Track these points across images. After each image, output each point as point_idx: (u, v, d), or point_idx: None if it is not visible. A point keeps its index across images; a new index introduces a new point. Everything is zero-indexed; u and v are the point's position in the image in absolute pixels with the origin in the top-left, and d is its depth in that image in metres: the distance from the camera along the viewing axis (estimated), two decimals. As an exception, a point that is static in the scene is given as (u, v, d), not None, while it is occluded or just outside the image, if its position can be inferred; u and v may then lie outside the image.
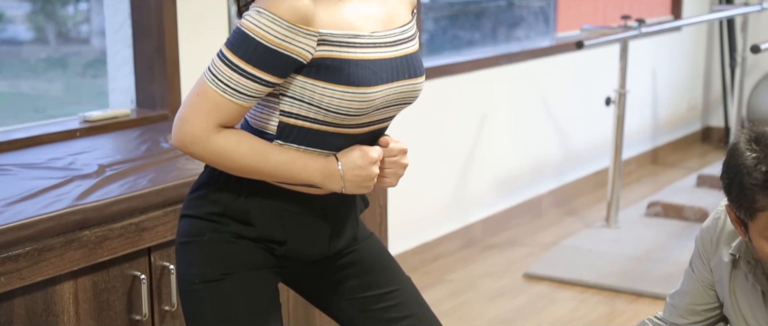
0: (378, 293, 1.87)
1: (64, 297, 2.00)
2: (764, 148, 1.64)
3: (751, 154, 1.64)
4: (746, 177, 1.63)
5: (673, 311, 1.99)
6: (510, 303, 3.91)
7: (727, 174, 1.68)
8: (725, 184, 1.69)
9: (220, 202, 1.69)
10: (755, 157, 1.64)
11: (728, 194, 1.68)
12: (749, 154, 1.64)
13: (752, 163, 1.63)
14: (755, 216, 1.65)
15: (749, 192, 1.63)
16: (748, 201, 1.64)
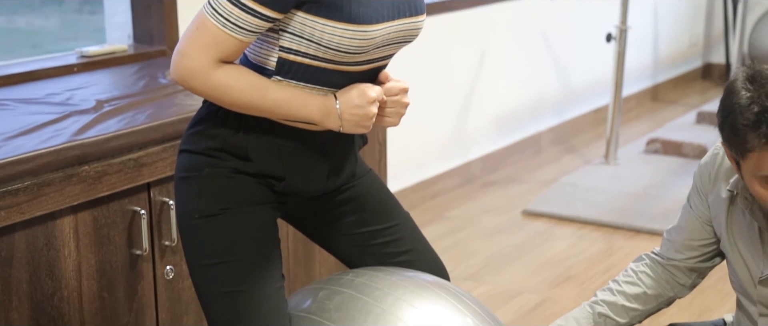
0: (376, 228, 1.87)
1: (65, 231, 2.01)
2: (759, 87, 1.62)
3: (745, 93, 1.62)
4: (739, 117, 1.62)
5: (669, 246, 2.00)
6: (508, 239, 3.93)
7: (722, 113, 1.67)
8: (719, 123, 1.68)
9: (218, 137, 1.69)
10: (749, 97, 1.62)
11: (722, 132, 1.68)
12: (744, 93, 1.63)
13: (746, 102, 1.62)
14: (746, 156, 1.64)
15: (741, 132, 1.62)
16: (740, 140, 1.63)
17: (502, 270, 3.62)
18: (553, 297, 3.37)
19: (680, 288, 2.00)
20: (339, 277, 1.84)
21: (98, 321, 2.10)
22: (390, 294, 1.75)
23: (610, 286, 2.01)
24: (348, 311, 1.72)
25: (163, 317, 2.25)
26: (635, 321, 2.00)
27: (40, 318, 1.98)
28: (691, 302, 3.22)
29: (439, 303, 1.76)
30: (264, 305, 1.68)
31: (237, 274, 1.68)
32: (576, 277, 3.54)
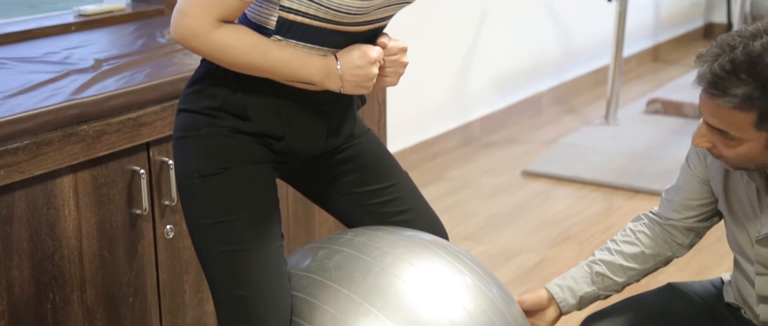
0: (375, 188, 1.88)
1: (64, 190, 2.01)
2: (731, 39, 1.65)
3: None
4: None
5: (668, 206, 2.00)
6: (508, 200, 3.94)
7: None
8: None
9: (217, 97, 1.69)
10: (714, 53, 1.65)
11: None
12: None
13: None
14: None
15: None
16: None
17: (501, 230, 3.63)
18: (552, 256, 3.39)
19: (678, 247, 2.01)
20: (338, 236, 1.84)
21: (99, 280, 2.11)
22: (389, 253, 1.76)
23: (608, 246, 2.02)
24: (347, 270, 1.73)
25: (164, 276, 2.26)
26: (633, 281, 2.02)
27: (41, 277, 1.99)
28: (689, 261, 3.23)
29: (438, 262, 1.77)
30: (263, 264, 1.68)
31: (236, 233, 1.68)
32: (575, 237, 3.55)
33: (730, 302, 1.99)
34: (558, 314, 1.99)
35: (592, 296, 1.99)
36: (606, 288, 1.99)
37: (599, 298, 2.01)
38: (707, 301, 2.01)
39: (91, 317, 2.10)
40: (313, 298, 1.71)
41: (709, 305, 2.00)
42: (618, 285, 2.00)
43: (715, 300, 2.01)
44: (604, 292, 2.00)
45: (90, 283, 2.09)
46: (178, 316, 2.31)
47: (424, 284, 1.71)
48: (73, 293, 2.06)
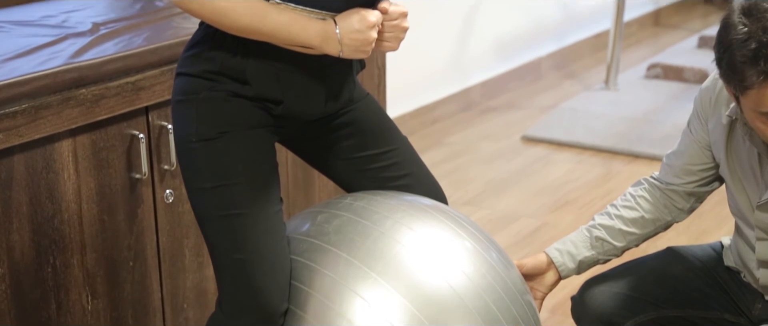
0: (374, 153, 1.87)
1: (63, 154, 2.01)
2: (756, 21, 1.57)
3: (742, 27, 1.58)
4: (736, 53, 1.57)
5: (668, 171, 2.00)
6: (507, 165, 3.94)
7: (718, 48, 1.63)
8: (716, 58, 1.64)
9: (215, 60, 1.68)
10: (746, 32, 1.57)
11: (719, 68, 1.64)
12: (741, 27, 1.58)
13: (742, 37, 1.57)
14: (745, 92, 1.61)
15: (739, 68, 1.57)
16: (738, 77, 1.59)
17: (500, 196, 3.63)
18: (552, 221, 3.39)
19: (678, 212, 2.01)
20: (338, 201, 1.84)
21: (99, 244, 2.11)
22: (388, 217, 1.76)
23: (607, 210, 2.02)
24: (346, 234, 1.73)
25: (164, 240, 2.26)
26: (632, 245, 2.02)
27: (41, 240, 1.99)
28: (688, 226, 3.24)
29: (438, 227, 1.77)
30: (262, 228, 1.68)
31: (235, 197, 1.68)
32: (574, 202, 3.56)
33: (730, 266, 2.00)
34: (557, 278, 1.99)
35: (591, 260, 2.00)
36: (605, 252, 2.00)
37: (598, 263, 2.02)
38: (707, 265, 2.01)
39: (92, 281, 2.11)
40: (312, 262, 1.71)
41: (709, 269, 2.01)
42: (617, 249, 2.00)
43: (715, 264, 2.01)
44: (604, 257, 2.00)
45: (90, 247, 2.09)
46: (178, 280, 2.31)
47: (423, 248, 1.71)
48: (73, 257, 2.06)
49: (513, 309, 1.73)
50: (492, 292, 1.71)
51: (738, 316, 1.97)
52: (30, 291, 1.99)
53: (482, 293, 1.70)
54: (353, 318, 1.64)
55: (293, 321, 1.68)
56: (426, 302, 1.65)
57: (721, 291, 1.98)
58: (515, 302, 1.74)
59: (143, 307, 2.24)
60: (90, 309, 2.12)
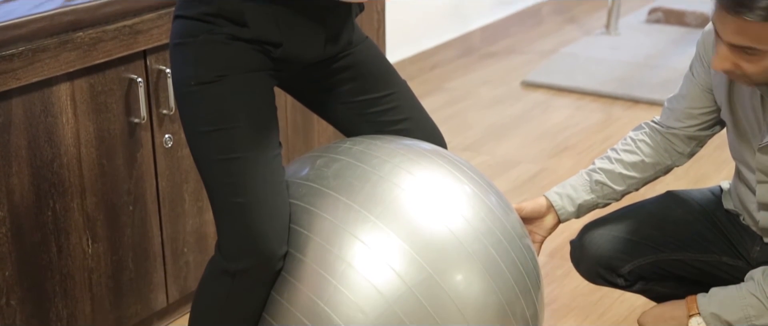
0: (374, 97, 1.87)
1: (62, 98, 2.00)
2: None
3: None
4: None
5: (670, 115, 1.99)
6: (507, 110, 3.93)
7: None
8: None
9: (213, 2, 1.66)
10: None
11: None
12: None
13: None
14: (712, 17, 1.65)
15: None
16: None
17: (500, 141, 3.63)
18: (551, 167, 3.39)
19: (678, 156, 2.00)
20: (337, 145, 1.84)
21: (99, 188, 2.11)
22: (388, 161, 1.75)
23: (608, 154, 2.02)
24: (345, 178, 1.73)
25: (163, 185, 2.26)
26: (632, 189, 2.02)
27: (41, 184, 1.99)
28: (687, 170, 3.24)
29: (437, 171, 1.77)
30: (261, 172, 1.68)
31: (234, 141, 1.67)
32: (574, 147, 3.56)
33: (729, 209, 2.00)
34: (556, 222, 2.00)
35: (591, 204, 2.00)
36: (605, 196, 2.00)
37: (598, 207, 2.02)
38: (706, 209, 2.01)
39: (92, 225, 2.11)
40: (311, 206, 1.72)
41: (708, 212, 2.01)
42: (617, 193, 2.00)
43: (714, 207, 2.02)
44: (603, 201, 2.00)
45: (90, 191, 2.09)
46: (178, 225, 2.32)
47: (422, 192, 1.71)
48: (73, 201, 2.06)
49: (512, 253, 1.73)
50: (491, 236, 1.72)
51: (736, 259, 1.97)
52: (30, 235, 1.99)
53: (481, 237, 1.70)
54: (352, 262, 1.64)
55: (293, 264, 1.69)
56: (425, 245, 1.65)
57: (719, 235, 1.99)
58: (514, 245, 1.75)
59: (144, 251, 2.25)
60: (90, 253, 2.12)
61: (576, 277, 2.52)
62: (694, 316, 1.80)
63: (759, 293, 1.76)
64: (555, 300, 2.53)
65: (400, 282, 1.63)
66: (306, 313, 1.65)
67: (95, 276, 2.15)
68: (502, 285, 1.69)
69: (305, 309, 1.65)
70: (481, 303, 1.66)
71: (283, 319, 1.68)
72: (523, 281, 1.74)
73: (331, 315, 1.63)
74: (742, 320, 1.77)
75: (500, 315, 1.69)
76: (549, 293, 2.56)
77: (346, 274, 1.64)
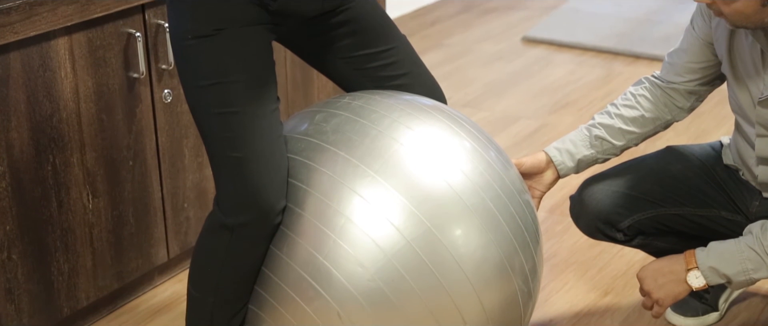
0: (373, 51, 1.86)
1: (60, 52, 1.99)
2: None
3: None
4: None
5: (670, 69, 1.99)
6: (507, 66, 3.92)
7: None
8: None
9: (211, -44, 1.65)
10: None
11: None
12: None
13: None
14: None
15: None
16: None
17: (500, 97, 3.62)
18: (551, 122, 3.39)
19: (678, 111, 2.00)
20: (336, 100, 1.83)
21: (98, 143, 2.11)
22: (387, 116, 1.75)
23: (608, 109, 2.01)
24: (344, 133, 1.73)
25: (163, 140, 2.26)
26: (631, 144, 2.02)
27: (40, 139, 1.99)
28: (687, 126, 3.23)
29: (437, 126, 1.77)
30: (258, 126, 1.68)
31: (231, 95, 1.67)
32: (574, 103, 3.55)
33: (729, 164, 2.00)
34: (556, 177, 2.00)
35: (591, 159, 2.00)
36: (604, 151, 2.00)
37: (597, 162, 2.02)
38: (706, 164, 2.01)
39: (92, 179, 2.11)
40: (310, 161, 1.72)
41: (708, 167, 2.01)
42: (616, 148, 2.00)
43: (714, 162, 2.02)
44: (603, 156, 2.00)
45: (89, 146, 2.09)
46: (178, 180, 2.32)
47: (421, 147, 1.71)
48: (72, 156, 2.06)
49: (511, 207, 1.74)
50: (490, 190, 1.72)
51: (735, 214, 1.98)
52: (31, 189, 1.99)
53: (480, 191, 1.70)
54: (352, 216, 1.65)
55: (292, 218, 1.69)
56: (424, 199, 1.66)
57: (719, 190, 1.99)
58: (513, 200, 1.75)
59: (144, 206, 2.26)
60: (91, 208, 2.13)
61: (575, 233, 2.52)
62: (692, 270, 1.81)
63: (757, 246, 1.76)
64: (554, 256, 2.54)
65: (399, 237, 1.64)
66: (305, 267, 1.66)
67: (96, 231, 2.15)
68: (501, 240, 1.70)
69: (304, 264, 1.66)
70: (479, 257, 1.67)
71: (282, 273, 1.69)
72: (521, 235, 1.74)
73: (331, 269, 1.64)
74: (739, 273, 1.78)
75: (499, 269, 1.69)
76: (548, 248, 2.57)
77: (345, 228, 1.64)
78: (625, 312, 2.27)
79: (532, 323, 2.22)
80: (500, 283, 1.70)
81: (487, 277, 1.68)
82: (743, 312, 2.25)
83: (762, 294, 2.32)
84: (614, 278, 2.42)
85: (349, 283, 1.64)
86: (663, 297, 1.84)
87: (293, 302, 1.68)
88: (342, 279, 1.64)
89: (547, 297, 2.34)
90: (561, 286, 2.39)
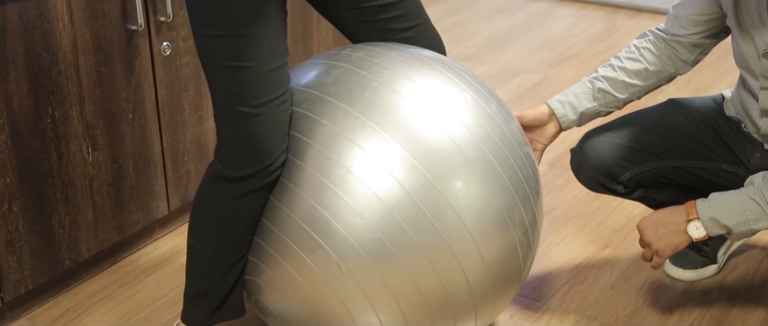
0: (382, 3, 1.84)
1: (57, 4, 1.97)
2: None
3: None
4: None
5: (675, 22, 1.97)
6: (508, 19, 3.89)
7: None
8: None
9: None
10: None
11: None
12: None
13: None
14: None
15: None
16: None
17: (501, 51, 3.60)
18: (553, 76, 3.37)
19: (682, 64, 1.99)
20: (336, 53, 1.82)
21: (97, 96, 2.10)
22: (387, 68, 1.74)
23: (611, 62, 2.00)
24: (345, 85, 1.72)
25: (162, 93, 2.25)
26: (634, 97, 2.01)
27: (39, 91, 1.98)
28: (689, 80, 3.22)
29: (438, 78, 1.76)
30: (265, 82, 1.66)
31: (239, 49, 1.64)
32: (576, 57, 3.53)
33: (731, 116, 1.99)
34: (557, 130, 1.99)
35: (593, 112, 1.99)
36: (607, 104, 1.99)
37: (600, 115, 2.01)
38: (707, 116, 2.01)
39: (92, 132, 2.11)
40: (311, 113, 1.71)
41: (709, 120, 2.00)
42: (619, 101, 1.99)
43: (715, 115, 2.01)
44: (605, 109, 2.00)
45: (88, 99, 2.08)
46: (177, 133, 2.32)
47: (422, 99, 1.71)
48: (71, 108, 2.05)
49: (511, 160, 1.73)
50: (490, 143, 1.71)
51: (736, 166, 1.97)
52: (30, 142, 1.99)
53: (480, 143, 1.70)
54: (352, 167, 1.64)
55: (292, 170, 1.69)
56: (424, 151, 1.65)
57: (720, 142, 1.98)
58: (514, 153, 1.75)
59: (144, 159, 2.25)
60: (91, 161, 2.13)
61: (575, 186, 2.52)
62: (692, 221, 1.81)
63: (758, 197, 1.76)
64: (554, 209, 2.54)
65: (399, 188, 1.63)
66: (305, 219, 1.66)
67: (96, 183, 2.15)
68: (501, 192, 1.70)
69: (304, 215, 1.66)
70: (479, 208, 1.67)
71: (282, 225, 1.69)
72: (522, 188, 1.74)
73: (331, 220, 1.64)
74: (740, 224, 1.78)
75: (499, 220, 1.69)
76: (548, 202, 2.57)
77: (346, 180, 1.64)
78: (624, 265, 2.28)
79: (532, 275, 2.23)
80: (500, 235, 1.71)
81: (487, 229, 1.68)
82: (742, 265, 2.26)
83: (761, 247, 2.33)
84: (614, 231, 2.43)
85: (349, 234, 1.64)
86: (663, 248, 1.84)
87: (293, 253, 1.68)
88: (342, 231, 1.64)
89: (546, 250, 2.34)
90: (561, 239, 2.40)
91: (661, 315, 2.08)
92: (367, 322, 1.71)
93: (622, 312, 2.10)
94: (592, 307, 2.12)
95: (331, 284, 1.67)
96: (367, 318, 1.70)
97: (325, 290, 1.69)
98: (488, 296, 1.75)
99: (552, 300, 2.14)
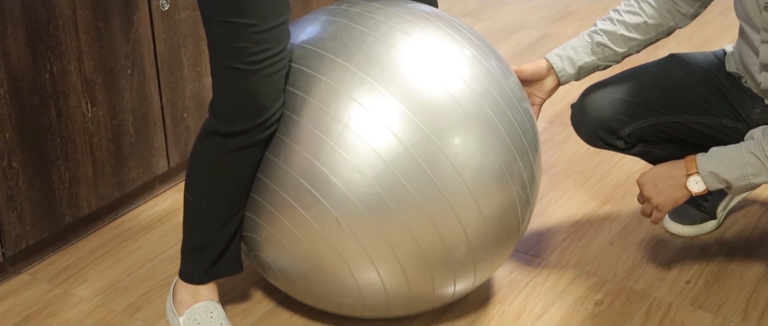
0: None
1: (54, -41, 1.96)
2: None
3: None
4: None
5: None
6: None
7: None
8: None
9: None
10: None
11: None
12: None
13: None
14: None
15: None
16: None
17: (501, 7, 3.58)
18: (553, 32, 3.36)
19: (682, 17, 1.98)
20: (333, 8, 1.81)
21: (96, 51, 2.09)
22: (384, 22, 1.73)
23: (610, 16, 1.99)
24: (342, 40, 1.71)
25: (161, 49, 2.24)
26: (633, 51, 2.00)
27: (37, 46, 1.97)
28: (690, 35, 3.21)
29: (436, 33, 1.75)
30: (264, 39, 1.64)
31: (239, 5, 1.62)
32: (576, 13, 3.51)
33: (731, 71, 1.98)
34: (556, 84, 1.99)
35: (592, 66, 1.98)
36: (606, 58, 1.98)
37: (598, 69, 2.00)
38: (708, 71, 2.00)
39: (91, 88, 2.10)
40: (307, 68, 1.70)
41: (710, 75, 1.99)
42: (618, 55, 1.99)
43: (716, 70, 2.00)
44: (604, 63, 1.99)
45: (87, 54, 2.07)
46: (177, 89, 2.31)
47: (420, 54, 1.70)
48: (70, 63, 2.05)
49: (509, 115, 1.73)
50: (489, 98, 1.71)
51: (736, 121, 1.97)
52: (29, 97, 1.99)
53: (479, 98, 1.70)
54: (349, 123, 1.64)
55: (289, 126, 1.69)
56: (422, 106, 1.65)
57: (720, 97, 1.98)
58: (512, 108, 1.75)
59: (143, 115, 2.25)
60: (90, 116, 2.12)
61: (575, 142, 2.52)
62: (692, 175, 1.81)
63: (758, 151, 1.76)
64: (554, 165, 2.54)
65: (397, 143, 1.63)
66: (303, 174, 1.66)
67: (96, 139, 2.15)
68: (499, 146, 1.70)
69: (302, 170, 1.66)
70: (477, 163, 1.67)
71: (279, 180, 1.69)
72: (520, 143, 1.74)
73: (329, 175, 1.64)
74: (740, 178, 1.78)
75: (497, 175, 1.70)
76: (548, 158, 2.57)
77: (343, 135, 1.64)
78: (623, 220, 2.28)
79: (531, 232, 2.23)
80: (498, 190, 1.71)
81: (485, 184, 1.68)
82: (741, 220, 2.26)
83: (760, 202, 2.33)
84: (613, 187, 2.43)
85: (348, 189, 1.64)
86: (662, 203, 1.84)
87: (291, 208, 1.69)
88: (340, 186, 1.64)
89: (546, 206, 2.35)
90: (560, 196, 2.40)
91: (659, 271, 2.09)
92: (366, 277, 1.72)
93: (620, 268, 2.11)
94: (591, 263, 2.12)
95: (330, 239, 1.68)
96: (366, 273, 1.71)
97: (325, 245, 1.69)
98: (487, 251, 1.76)
99: (551, 255, 2.15)
